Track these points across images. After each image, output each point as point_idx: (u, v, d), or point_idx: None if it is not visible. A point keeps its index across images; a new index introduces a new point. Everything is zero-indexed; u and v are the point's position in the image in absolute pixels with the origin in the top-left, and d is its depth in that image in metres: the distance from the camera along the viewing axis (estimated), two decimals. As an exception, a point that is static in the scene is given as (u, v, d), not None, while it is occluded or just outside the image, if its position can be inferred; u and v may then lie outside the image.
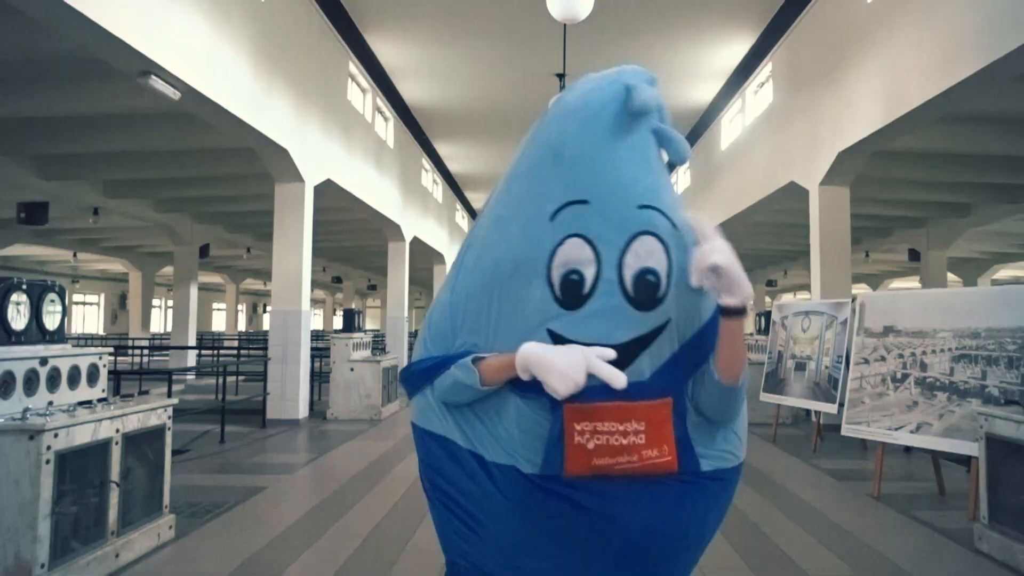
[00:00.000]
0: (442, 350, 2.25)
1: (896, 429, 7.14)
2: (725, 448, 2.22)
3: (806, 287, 35.58)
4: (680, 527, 2.16)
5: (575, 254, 2.04)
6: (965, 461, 7.20)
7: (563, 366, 1.91)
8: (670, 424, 2.08)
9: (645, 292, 2.04)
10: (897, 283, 34.91)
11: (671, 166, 2.23)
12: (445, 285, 2.35)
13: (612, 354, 1.96)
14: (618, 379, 1.92)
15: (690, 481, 2.13)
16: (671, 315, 2.08)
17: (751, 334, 13.09)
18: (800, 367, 10.00)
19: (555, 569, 2.16)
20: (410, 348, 18.25)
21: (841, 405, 8.47)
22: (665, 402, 2.08)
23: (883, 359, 7.56)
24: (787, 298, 39.68)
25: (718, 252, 1.95)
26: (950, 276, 24.29)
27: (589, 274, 2.04)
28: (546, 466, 2.06)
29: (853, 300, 9.02)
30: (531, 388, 2.04)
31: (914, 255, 21.06)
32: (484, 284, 2.19)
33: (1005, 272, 30.93)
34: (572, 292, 2.05)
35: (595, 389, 1.97)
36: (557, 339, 2.05)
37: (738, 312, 2.00)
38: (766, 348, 11.28)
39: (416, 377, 2.28)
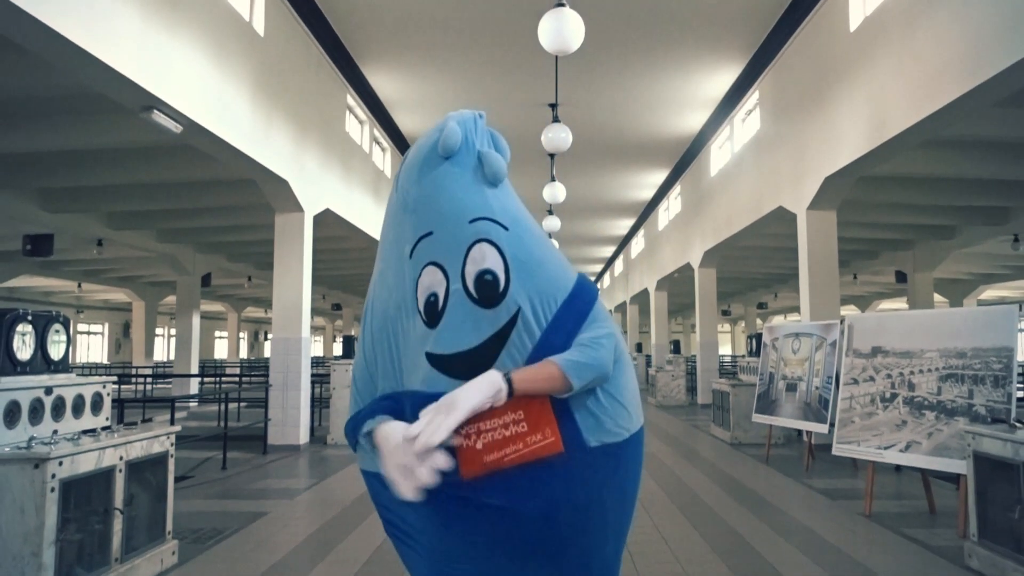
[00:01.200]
0: (369, 399, 2.41)
1: (886, 448, 7.14)
2: (612, 422, 2.29)
3: (796, 309, 35.65)
4: (579, 504, 2.22)
5: (430, 279, 2.26)
6: (954, 479, 7.20)
7: (395, 472, 2.10)
8: (548, 408, 2.19)
9: (486, 290, 2.22)
10: (885, 304, 34.96)
11: (491, 182, 2.39)
12: (358, 344, 2.56)
13: (415, 431, 2.06)
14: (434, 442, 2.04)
15: (578, 459, 2.20)
16: (520, 303, 2.23)
17: (743, 356, 13.08)
18: (791, 388, 10.01)
19: (478, 572, 2.25)
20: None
21: (832, 425, 8.47)
22: None
23: (872, 379, 7.57)
24: (777, 320, 39.73)
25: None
26: (936, 297, 24.32)
27: (442, 292, 2.25)
28: (446, 475, 2.11)
29: (842, 322, 9.03)
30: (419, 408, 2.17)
31: (901, 277, 21.10)
32: (382, 331, 2.39)
33: (990, 293, 31.00)
34: (432, 312, 2.25)
35: None
36: (432, 359, 2.23)
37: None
38: (757, 370, 11.28)
39: (350, 433, 2.41)
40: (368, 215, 15.74)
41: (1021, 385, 10.30)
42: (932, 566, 5.66)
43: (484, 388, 2.08)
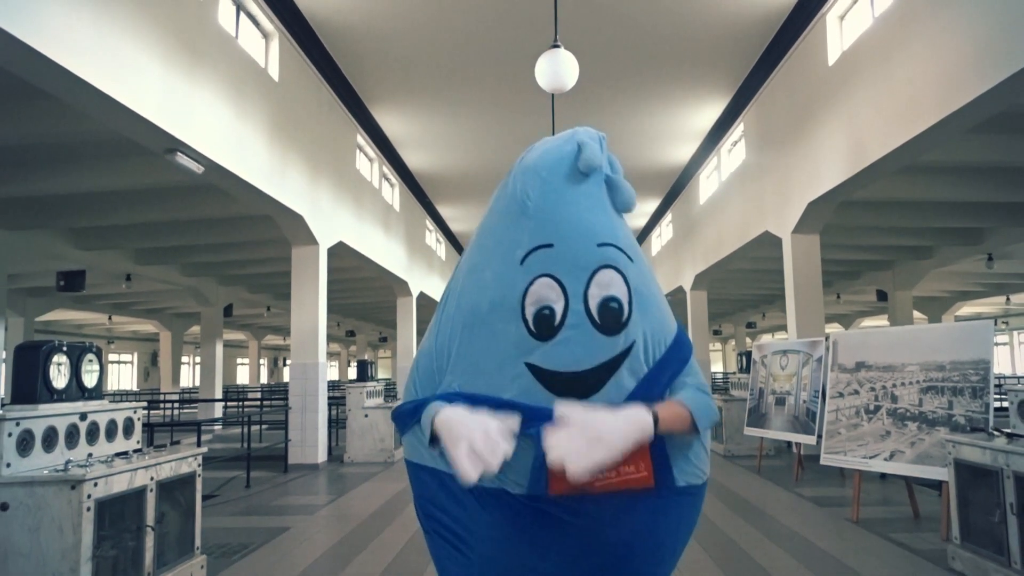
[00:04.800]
0: (430, 391, 2.27)
1: (871, 457, 7.12)
2: (696, 465, 2.23)
3: (783, 328, 35.60)
4: (657, 539, 2.18)
5: (545, 292, 2.10)
6: (936, 485, 7.18)
7: (465, 458, 1.90)
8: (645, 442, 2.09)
9: (610, 317, 2.09)
10: (867, 322, 34.90)
11: (621, 210, 2.30)
12: (429, 332, 2.39)
13: (516, 423, 1.97)
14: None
15: (665, 496, 2.15)
16: (636, 338, 2.12)
17: (734, 372, 13.06)
18: (780, 402, 9.99)
19: None
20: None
21: (819, 436, 8.45)
22: None
23: (856, 392, 7.56)
24: (766, 338, 39.64)
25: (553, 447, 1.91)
26: (916, 314, 24.31)
27: (559, 308, 2.08)
28: (532, 487, 2.06)
29: (827, 339, 9.03)
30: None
31: (882, 295, 21.10)
32: (465, 326, 2.22)
33: (967, 309, 30.94)
34: (545, 325, 2.09)
35: None
36: (536, 371, 2.08)
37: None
38: (748, 385, 11.26)
39: (405, 416, 2.30)
40: (379, 246, 15.79)
41: (998, 396, 10.29)
42: (917, 568, 5.64)
43: (636, 430, 1.94)
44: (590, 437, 1.88)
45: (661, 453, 2.12)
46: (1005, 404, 6.28)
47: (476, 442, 1.90)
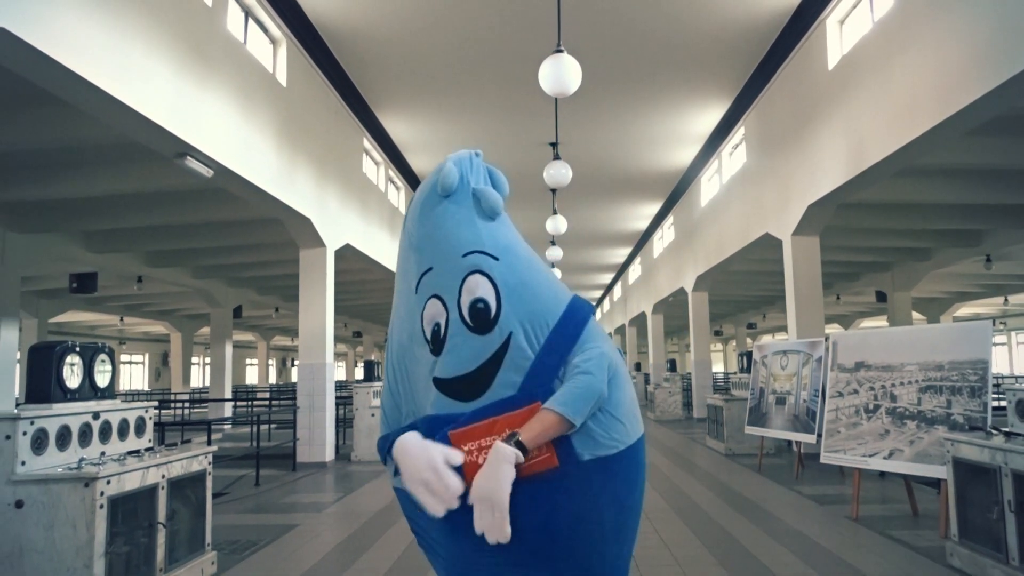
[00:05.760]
0: (396, 423, 2.44)
1: (870, 456, 7.12)
2: (605, 436, 2.25)
3: (783, 328, 35.58)
4: (575, 516, 2.20)
5: (433, 311, 2.32)
6: (935, 483, 7.18)
7: (419, 488, 2.17)
8: None
9: (479, 318, 2.25)
10: (866, 323, 34.84)
11: (489, 216, 2.41)
12: (383, 372, 2.61)
13: (457, 459, 2.16)
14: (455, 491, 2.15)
15: (572, 472, 2.19)
16: (512, 329, 2.25)
17: (735, 372, 13.04)
18: (780, 402, 9.98)
19: None
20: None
21: (819, 435, 8.45)
22: (532, 407, 2.18)
23: (856, 392, 7.56)
24: (766, 339, 39.60)
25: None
26: (915, 315, 24.28)
27: (443, 321, 2.30)
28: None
29: (827, 339, 9.03)
30: (435, 433, 2.23)
31: (881, 296, 21.07)
32: (400, 360, 2.44)
33: (965, 310, 30.89)
34: (436, 341, 2.31)
35: (474, 414, 2.20)
36: (437, 383, 2.29)
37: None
38: (749, 385, 11.26)
39: (382, 451, 2.43)
40: (385, 249, 15.80)
41: (996, 395, 10.27)
42: (916, 565, 5.63)
43: (506, 472, 2.09)
44: (483, 508, 2.10)
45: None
46: (1003, 403, 6.28)
47: (431, 484, 2.14)
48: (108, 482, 4.33)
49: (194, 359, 38.87)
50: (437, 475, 2.13)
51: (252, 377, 50.31)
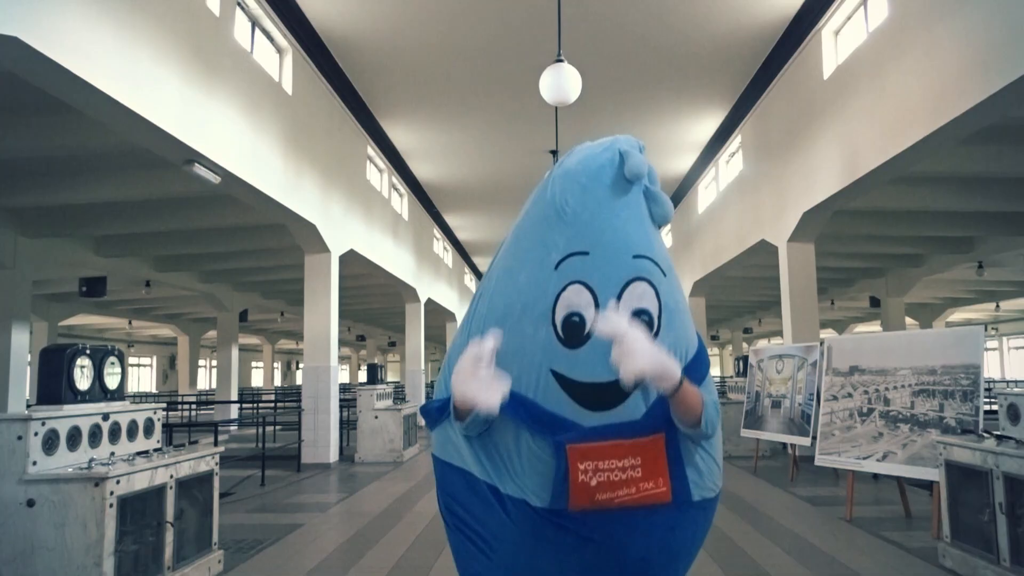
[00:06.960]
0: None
1: (864, 458, 7.12)
2: (711, 479, 2.21)
3: (779, 333, 35.54)
4: (672, 553, 2.16)
5: (576, 299, 2.05)
6: (927, 485, 7.16)
7: (474, 386, 1.94)
8: (664, 458, 2.06)
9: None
10: (860, 328, 34.81)
11: (659, 223, 2.26)
12: (460, 330, 2.35)
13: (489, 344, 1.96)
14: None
15: (682, 511, 2.12)
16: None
17: (731, 376, 13.05)
18: (776, 405, 9.98)
19: None
20: (427, 398, 18.20)
21: (814, 438, 8.44)
22: (658, 437, 2.06)
23: (850, 396, 7.56)
24: (762, 343, 39.59)
25: (607, 323, 1.92)
26: (908, 320, 24.25)
27: (588, 316, 2.04)
28: (554, 501, 2.04)
29: (821, 344, 9.03)
30: (537, 428, 2.04)
31: (875, 302, 21.04)
32: (496, 326, 2.13)
33: (957, 315, 30.89)
34: (573, 333, 2.05)
35: (594, 431, 2.00)
36: (559, 379, 2.04)
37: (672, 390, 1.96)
38: (745, 389, 11.26)
39: (435, 411, 2.27)
40: (388, 254, 15.82)
41: (987, 399, 10.27)
42: (909, 566, 5.64)
43: (667, 365, 1.91)
44: (653, 365, 1.88)
45: (679, 469, 2.10)
46: (994, 407, 6.28)
47: (465, 371, 1.94)
48: (118, 482, 4.33)
49: (201, 362, 38.84)
50: (469, 359, 1.95)
51: (258, 380, 50.31)
